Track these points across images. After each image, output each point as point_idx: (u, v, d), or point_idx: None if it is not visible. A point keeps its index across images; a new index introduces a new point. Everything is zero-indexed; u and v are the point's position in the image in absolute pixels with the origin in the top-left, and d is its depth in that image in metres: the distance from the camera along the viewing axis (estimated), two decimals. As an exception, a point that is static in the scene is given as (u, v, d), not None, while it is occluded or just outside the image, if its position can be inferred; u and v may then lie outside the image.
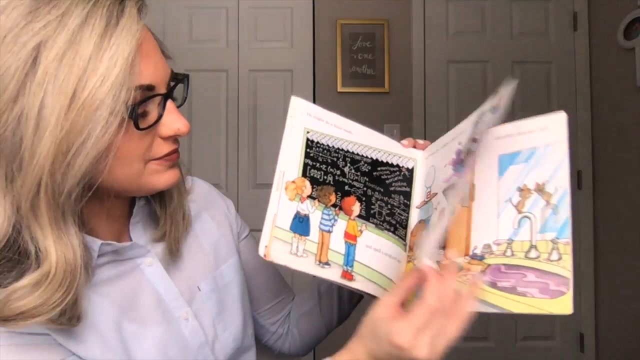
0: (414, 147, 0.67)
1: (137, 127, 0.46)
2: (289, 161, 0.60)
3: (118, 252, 0.55)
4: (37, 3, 0.41)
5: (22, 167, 0.42)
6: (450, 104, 2.29)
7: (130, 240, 0.58)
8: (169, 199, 0.60)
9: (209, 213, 0.69)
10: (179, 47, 2.23)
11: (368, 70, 2.26)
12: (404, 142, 0.67)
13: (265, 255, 0.53)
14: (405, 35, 2.28)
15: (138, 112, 0.46)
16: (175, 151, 0.54)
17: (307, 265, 0.55)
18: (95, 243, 0.52)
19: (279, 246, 0.54)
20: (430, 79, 2.29)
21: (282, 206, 0.57)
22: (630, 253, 1.98)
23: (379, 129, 0.68)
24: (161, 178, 0.52)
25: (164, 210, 0.60)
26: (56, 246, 0.44)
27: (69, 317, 0.47)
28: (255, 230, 0.80)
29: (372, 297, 0.57)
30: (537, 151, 0.55)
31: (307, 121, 0.67)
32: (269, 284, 0.77)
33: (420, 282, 0.48)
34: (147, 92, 0.47)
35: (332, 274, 0.56)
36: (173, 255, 0.61)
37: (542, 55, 2.29)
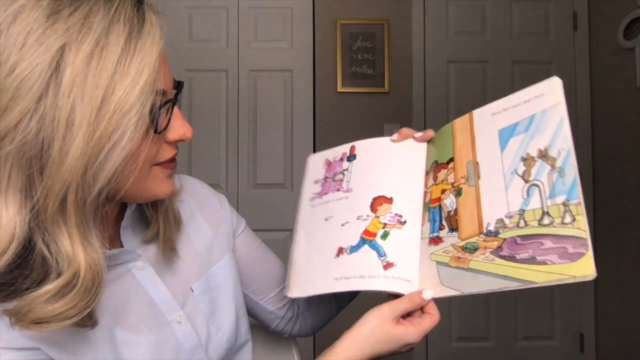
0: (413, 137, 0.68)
1: (156, 131, 0.47)
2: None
3: (109, 259, 0.55)
4: (57, 5, 0.41)
5: (48, 171, 0.41)
6: (450, 104, 2.29)
7: (121, 244, 0.58)
8: (160, 202, 0.60)
9: (202, 213, 0.69)
10: (179, 47, 2.23)
11: (368, 70, 2.26)
12: (393, 137, 0.68)
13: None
14: (405, 35, 2.28)
15: (158, 116, 0.47)
16: (174, 158, 0.55)
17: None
18: None
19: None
20: (430, 79, 2.29)
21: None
22: (630, 253, 1.98)
23: (379, 128, 0.69)
24: (162, 186, 0.53)
25: (154, 212, 0.60)
26: (84, 249, 0.44)
27: (91, 319, 0.48)
28: (256, 230, 0.81)
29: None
30: (535, 118, 0.54)
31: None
32: (271, 272, 0.77)
33: (418, 307, 0.57)
34: (163, 97, 0.48)
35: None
36: (169, 255, 0.61)
37: (542, 55, 2.29)
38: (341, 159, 0.70)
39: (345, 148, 0.71)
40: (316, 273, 0.63)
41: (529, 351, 2.25)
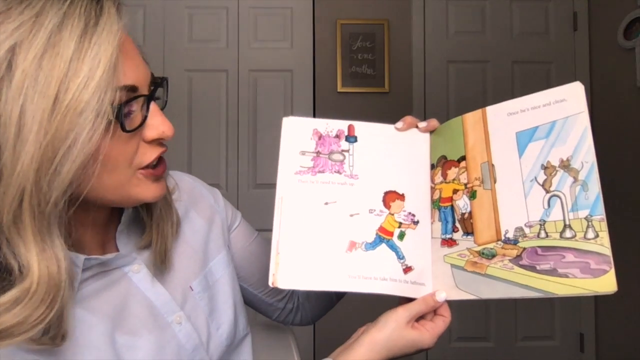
0: (416, 127, 0.66)
1: (124, 129, 0.45)
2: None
3: (104, 264, 0.54)
4: (7, 4, 0.40)
5: (2, 177, 0.40)
6: (450, 104, 2.29)
7: (117, 248, 0.57)
8: (154, 206, 0.58)
9: (196, 210, 0.68)
10: (179, 47, 2.23)
11: (368, 70, 2.26)
12: (398, 125, 0.66)
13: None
14: (405, 35, 2.28)
15: (124, 113, 0.45)
16: (162, 162, 0.52)
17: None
18: (79, 259, 0.50)
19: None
20: (430, 79, 2.29)
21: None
22: (630, 253, 1.98)
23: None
24: (148, 190, 0.51)
25: (149, 216, 0.58)
26: (39, 259, 0.42)
27: (51, 337, 0.45)
28: (258, 230, 0.80)
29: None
30: (557, 125, 0.53)
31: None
32: (268, 266, 0.77)
33: (432, 309, 0.58)
34: (130, 93, 0.46)
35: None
36: (160, 267, 0.59)
37: (542, 55, 2.29)
38: (337, 137, 0.65)
39: (340, 124, 0.65)
40: (319, 266, 0.57)
41: (529, 351, 2.25)
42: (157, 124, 0.49)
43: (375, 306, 0.59)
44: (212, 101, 2.25)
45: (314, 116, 2.26)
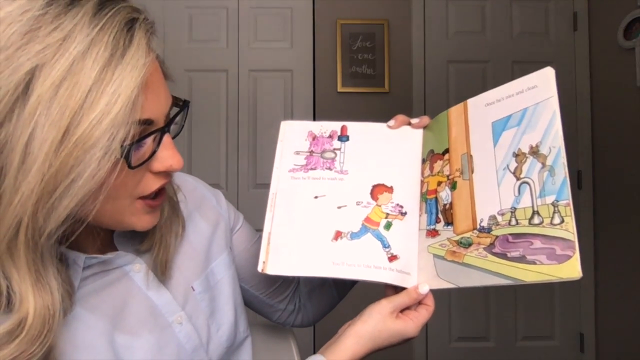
0: (409, 124, 0.68)
1: (130, 167, 0.42)
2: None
3: (104, 263, 0.54)
4: (37, 23, 0.37)
5: (0, 204, 0.38)
6: (450, 104, 2.29)
7: (116, 249, 0.57)
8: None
9: (199, 211, 0.68)
10: (179, 47, 2.23)
11: (368, 70, 2.26)
12: (390, 123, 0.67)
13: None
14: (405, 35, 2.28)
15: (133, 150, 0.42)
16: (162, 193, 0.51)
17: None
18: (80, 258, 0.50)
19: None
20: (430, 79, 2.29)
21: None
22: (630, 253, 1.98)
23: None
24: (141, 220, 0.50)
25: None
26: (34, 291, 0.40)
27: None
28: (256, 231, 0.81)
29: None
30: (528, 111, 0.54)
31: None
32: None
33: (416, 301, 0.59)
34: (145, 126, 0.44)
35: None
36: (160, 277, 0.58)
37: (542, 55, 2.29)
38: (330, 137, 0.68)
39: (333, 125, 0.68)
40: (305, 253, 0.60)
41: (529, 351, 2.25)
42: (166, 157, 0.47)
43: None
44: (212, 101, 2.25)
45: (314, 116, 2.26)
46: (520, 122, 0.54)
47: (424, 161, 0.65)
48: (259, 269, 0.59)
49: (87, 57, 0.38)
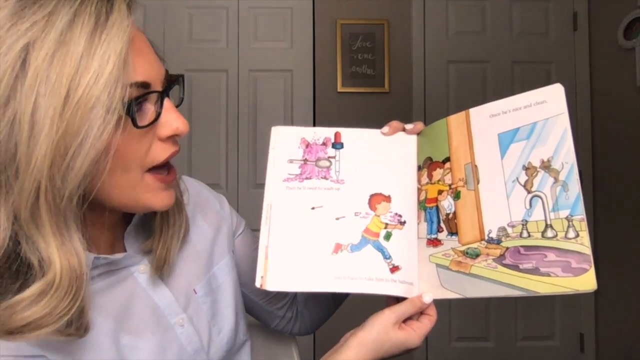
0: (403, 130, 0.67)
1: (135, 125, 0.45)
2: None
3: (112, 263, 0.54)
4: (21, 4, 0.40)
5: (18, 174, 0.41)
6: (450, 104, 2.29)
7: (124, 249, 0.57)
8: (164, 214, 0.58)
9: (202, 215, 0.68)
10: (179, 47, 2.23)
11: (368, 70, 2.26)
12: (384, 130, 0.67)
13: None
14: (405, 35, 2.28)
15: (135, 109, 0.45)
16: (173, 170, 0.52)
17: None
18: (88, 257, 0.50)
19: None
20: (430, 79, 2.29)
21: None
22: (630, 253, 1.98)
23: (379, 129, 0.68)
24: (157, 197, 0.51)
25: (159, 224, 0.58)
26: (60, 253, 0.43)
27: (76, 327, 0.46)
28: (256, 231, 0.81)
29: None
30: (537, 126, 0.54)
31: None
32: None
33: (419, 310, 0.58)
34: (142, 89, 0.46)
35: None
36: (159, 274, 0.59)
37: (542, 55, 2.29)
38: (324, 144, 0.66)
39: (327, 132, 0.67)
40: (306, 268, 0.58)
41: (529, 351, 2.25)
42: (171, 120, 0.49)
43: (374, 311, 0.59)
44: (212, 101, 2.25)
45: (314, 116, 2.26)
46: (530, 135, 0.54)
47: (419, 168, 0.65)
48: (257, 284, 0.57)
49: (74, 27, 0.41)
